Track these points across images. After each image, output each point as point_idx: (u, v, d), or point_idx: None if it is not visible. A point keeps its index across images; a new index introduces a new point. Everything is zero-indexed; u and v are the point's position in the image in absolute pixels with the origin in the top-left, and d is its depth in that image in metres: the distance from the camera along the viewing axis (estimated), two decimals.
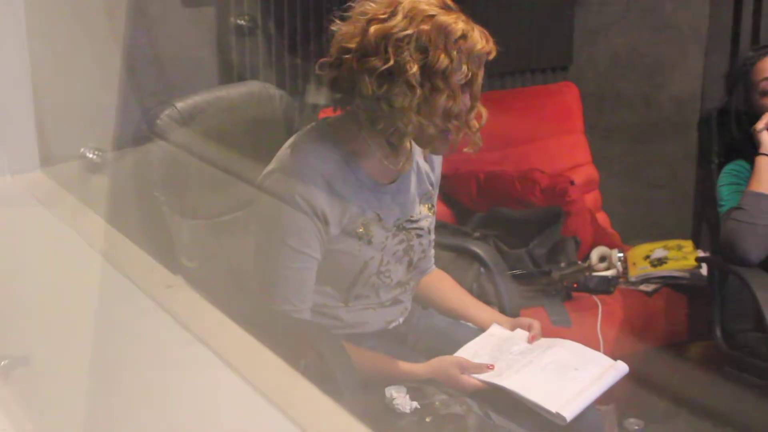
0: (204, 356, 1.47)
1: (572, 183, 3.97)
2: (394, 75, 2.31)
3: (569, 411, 2.37)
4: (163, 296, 1.68)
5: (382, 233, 2.51)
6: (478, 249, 3.30)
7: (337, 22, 2.43)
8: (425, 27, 2.31)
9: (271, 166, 2.48)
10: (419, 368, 2.49)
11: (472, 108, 2.42)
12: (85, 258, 2.04)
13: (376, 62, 2.31)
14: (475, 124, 2.46)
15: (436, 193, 2.72)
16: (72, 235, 2.16)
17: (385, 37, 2.31)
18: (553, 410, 2.36)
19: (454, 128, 2.41)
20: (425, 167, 2.66)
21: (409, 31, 2.30)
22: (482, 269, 3.24)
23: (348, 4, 2.44)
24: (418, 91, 2.31)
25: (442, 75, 2.32)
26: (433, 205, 2.69)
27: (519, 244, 3.76)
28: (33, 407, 1.40)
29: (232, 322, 1.53)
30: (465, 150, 2.51)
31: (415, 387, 2.39)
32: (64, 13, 2.67)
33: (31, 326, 1.74)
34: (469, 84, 2.38)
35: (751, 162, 3.36)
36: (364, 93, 2.34)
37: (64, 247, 2.12)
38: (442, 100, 2.34)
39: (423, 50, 2.31)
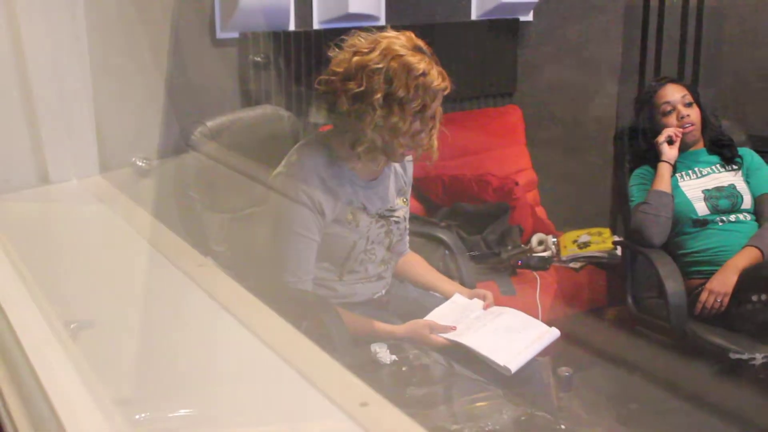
0: (227, 320, 1.47)
1: (517, 184, 3.98)
2: (363, 97, 2.33)
3: (513, 364, 2.39)
4: (196, 273, 1.68)
5: (366, 220, 2.53)
6: (443, 235, 3.31)
7: (335, 49, 2.45)
8: (393, 64, 2.34)
9: (278, 169, 2.51)
10: (397, 329, 2.50)
11: (421, 131, 2.43)
12: (135, 243, 2.04)
13: (352, 85, 2.35)
14: (423, 142, 2.47)
15: (408, 189, 2.73)
16: (125, 226, 2.16)
17: (363, 67, 2.34)
18: (501, 363, 2.38)
19: (398, 145, 2.42)
20: (400, 170, 2.69)
21: (380, 65, 2.33)
22: (447, 251, 3.24)
23: (342, 36, 2.46)
24: (378, 112, 2.34)
25: (399, 102, 2.35)
26: (406, 199, 2.72)
27: (475, 231, 3.77)
28: (96, 362, 1.39)
29: (249, 293, 1.53)
30: (427, 163, 2.53)
31: (394, 344, 2.39)
32: (120, 50, 2.67)
33: (94, 296, 1.74)
34: (420, 112, 2.38)
35: (654, 167, 3.38)
36: (340, 109, 2.38)
37: (118, 235, 2.12)
38: (393, 121, 2.36)
39: (388, 81, 2.33)
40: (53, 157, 2.36)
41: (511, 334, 2.53)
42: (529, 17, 4.44)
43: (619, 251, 3.79)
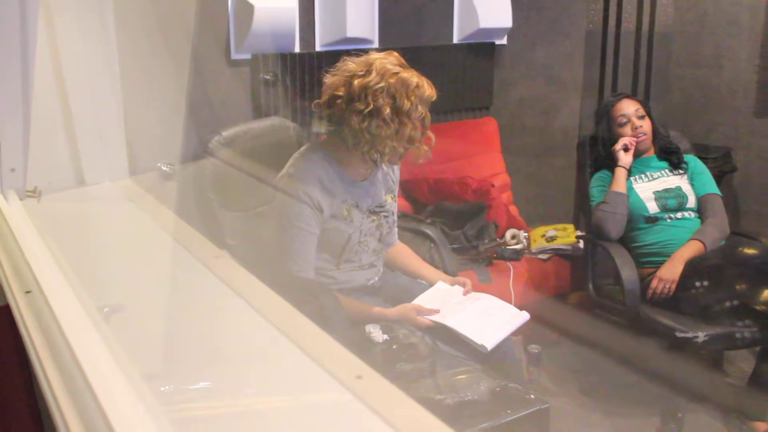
0: (239, 304, 1.47)
1: (493, 186, 3.97)
2: (373, 115, 2.34)
3: (489, 343, 2.40)
4: (213, 264, 1.68)
5: (359, 215, 2.54)
6: (428, 230, 3.31)
7: (328, 75, 2.45)
8: (392, 81, 2.34)
9: (283, 172, 2.53)
10: (389, 312, 2.50)
11: (423, 134, 2.44)
12: (160, 238, 2.04)
13: (360, 106, 2.35)
14: (425, 144, 2.48)
15: (396, 188, 2.74)
16: (151, 223, 2.16)
17: (366, 88, 2.34)
18: (479, 342, 2.38)
19: (413, 149, 2.44)
20: (389, 170, 2.70)
21: (382, 84, 2.34)
22: (432, 244, 3.25)
23: (334, 63, 2.47)
24: (392, 125, 2.35)
25: (406, 114, 2.36)
26: (394, 196, 2.73)
27: (457, 227, 3.77)
28: (127, 341, 1.39)
29: (259, 281, 1.53)
30: (419, 162, 2.53)
31: (386, 325, 2.40)
32: (146, 70, 2.67)
33: (124, 284, 1.74)
34: (422, 119, 2.40)
35: (612, 171, 3.39)
36: (353, 126, 2.38)
37: (145, 231, 2.12)
38: (407, 131, 2.37)
39: (392, 97, 2.34)
40: (89, 163, 2.36)
41: (487, 316, 2.53)
42: (504, 41, 4.44)
43: (581, 244, 3.78)
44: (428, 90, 2.42)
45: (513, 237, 3.89)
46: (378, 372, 1.17)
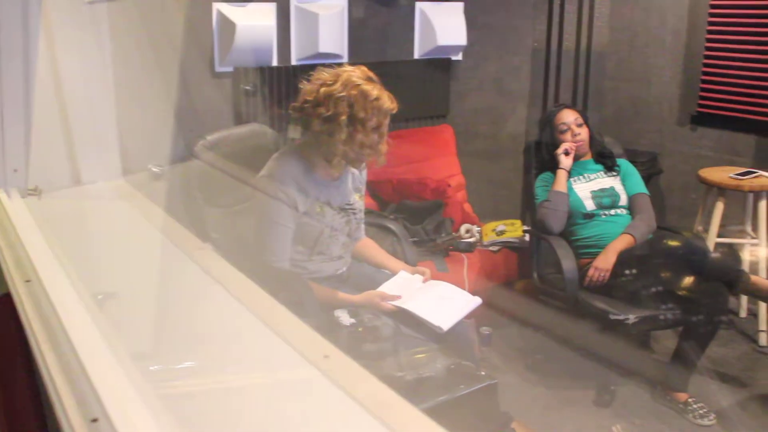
0: (220, 292, 1.46)
1: (449, 186, 3.98)
2: (331, 120, 2.34)
3: (445, 324, 2.40)
4: (196, 255, 1.67)
5: (330, 212, 2.53)
6: (392, 225, 3.31)
7: (304, 82, 2.45)
8: (353, 92, 2.34)
9: (261, 173, 2.51)
10: (355, 298, 2.49)
11: (378, 142, 2.44)
12: (149, 232, 2.02)
13: (322, 111, 2.35)
14: (380, 151, 2.48)
15: (363, 188, 2.74)
16: (141, 218, 2.14)
17: (329, 96, 2.35)
18: (436, 323, 2.38)
19: (365, 154, 2.45)
20: (356, 172, 2.69)
21: (343, 94, 2.34)
22: (395, 238, 3.25)
23: (310, 72, 2.46)
24: (345, 130, 2.35)
25: (360, 122, 2.36)
26: (362, 195, 2.72)
27: (417, 222, 3.77)
28: (118, 326, 1.37)
29: (237, 271, 1.52)
30: (375, 167, 2.54)
31: (352, 310, 2.39)
32: (138, 80, 2.64)
33: (117, 274, 1.71)
34: (377, 128, 2.40)
35: (554, 173, 3.40)
36: (314, 129, 2.39)
37: (136, 226, 2.10)
38: (359, 137, 2.37)
39: (350, 106, 2.35)
40: (84, 164, 2.33)
41: (443, 301, 2.54)
42: (459, 57, 4.44)
43: (527, 237, 3.80)
44: (387, 103, 2.41)
45: (467, 231, 3.90)
46: (344, 352, 1.16)
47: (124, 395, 0.99)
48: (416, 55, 4.25)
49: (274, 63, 3.65)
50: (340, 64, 2.49)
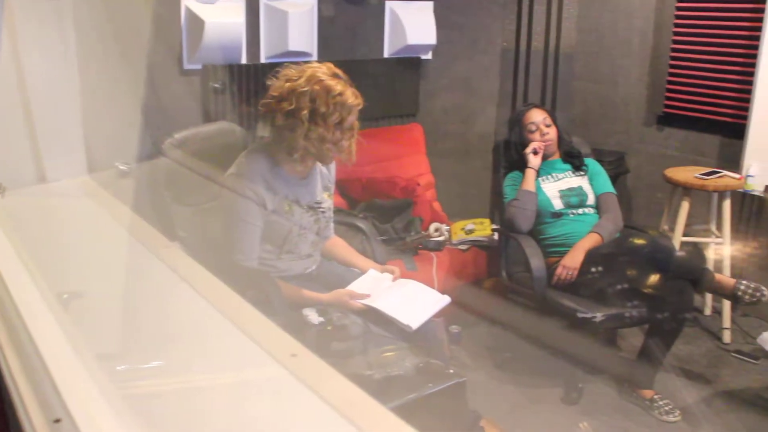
0: (187, 291, 1.44)
1: (419, 184, 3.98)
2: (293, 114, 2.34)
3: (414, 323, 2.39)
4: (163, 254, 1.65)
5: (299, 210, 2.52)
6: (361, 224, 3.30)
7: (272, 78, 2.44)
8: (316, 87, 2.34)
9: (230, 171, 2.49)
10: (324, 297, 2.48)
11: (342, 139, 2.43)
12: (115, 231, 2.00)
13: (285, 105, 2.35)
14: (344, 147, 2.47)
15: (332, 186, 2.73)
16: (107, 217, 2.11)
17: (293, 90, 2.34)
18: (405, 322, 2.38)
19: (327, 150, 2.43)
20: (325, 170, 2.68)
21: (306, 88, 2.33)
22: (364, 237, 3.24)
23: (278, 69, 2.45)
24: (305, 125, 2.34)
25: (321, 117, 2.35)
26: (331, 194, 2.71)
27: (386, 221, 3.76)
28: (84, 326, 1.35)
29: (204, 269, 1.50)
30: (347, 164, 2.53)
31: (321, 308, 2.37)
32: (105, 77, 2.60)
33: (82, 273, 1.69)
34: (339, 124, 2.39)
35: (523, 172, 3.42)
36: (277, 123, 2.38)
37: (102, 224, 2.07)
38: (319, 131, 2.37)
39: (312, 100, 2.34)
40: (49, 162, 2.29)
41: (412, 300, 2.53)
42: (429, 56, 4.45)
43: (496, 236, 3.82)
44: (351, 98, 2.40)
45: (436, 230, 3.90)
46: (312, 351, 1.15)
47: (87, 395, 0.97)
48: (386, 54, 4.25)
49: (243, 61, 3.63)
50: (308, 62, 2.47)
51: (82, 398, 0.96)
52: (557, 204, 3.36)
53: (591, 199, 3.40)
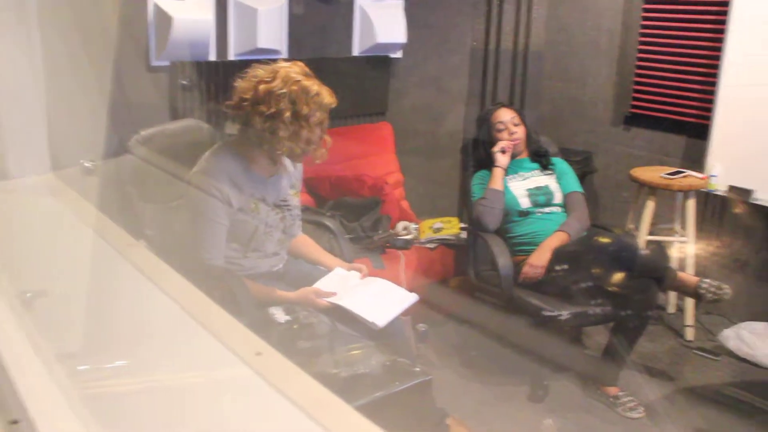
0: (151, 290, 1.43)
1: (387, 183, 3.98)
2: (274, 117, 2.32)
3: (380, 321, 2.40)
4: (127, 252, 1.63)
5: (265, 208, 2.51)
6: (329, 222, 3.30)
7: (239, 80, 2.42)
8: (294, 88, 2.32)
9: (195, 168, 2.47)
10: (290, 295, 2.48)
11: (321, 137, 2.43)
12: (80, 229, 1.97)
13: (263, 108, 2.32)
14: (322, 145, 2.47)
15: (299, 184, 2.73)
16: (71, 215, 2.08)
17: (269, 93, 2.32)
18: (371, 320, 2.39)
19: (310, 150, 2.44)
20: (291, 168, 2.67)
21: (284, 90, 2.32)
22: (331, 235, 3.23)
23: (245, 70, 2.43)
24: (290, 127, 2.32)
25: (304, 118, 2.34)
26: (297, 192, 2.71)
27: (354, 219, 3.76)
28: (46, 327, 1.34)
29: (169, 267, 1.49)
30: (316, 161, 2.52)
31: (288, 306, 2.36)
32: (70, 73, 2.57)
33: (46, 271, 1.67)
34: (319, 123, 2.39)
35: (491, 171, 3.43)
36: (256, 127, 2.36)
37: (66, 222, 2.04)
38: (303, 133, 2.36)
39: (293, 102, 2.32)
40: (13, 158, 2.26)
41: (379, 298, 2.54)
42: (399, 55, 4.45)
43: (464, 235, 3.83)
44: (327, 98, 2.41)
45: (404, 228, 3.91)
46: (279, 349, 1.15)
47: (46, 395, 0.96)
48: (355, 52, 4.24)
49: (212, 58, 3.60)
50: (276, 60, 2.46)
51: (41, 399, 0.95)
52: (525, 203, 3.38)
53: (558, 198, 3.43)
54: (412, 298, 2.58)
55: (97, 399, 1.15)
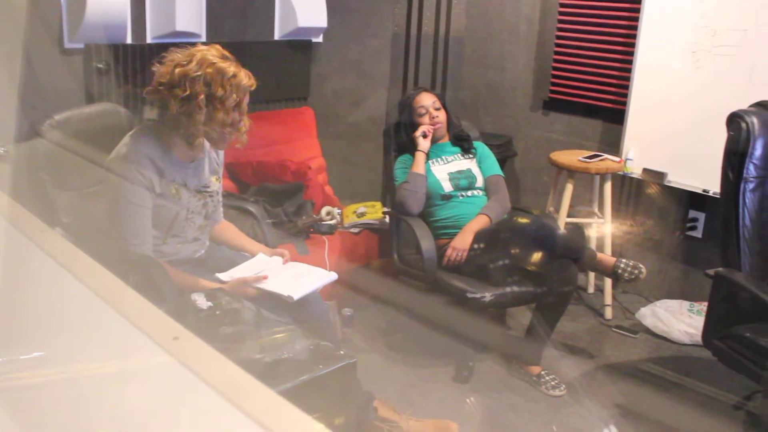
0: (65, 277, 1.38)
1: (310, 168, 3.96)
2: (189, 100, 2.28)
3: (295, 294, 2.42)
4: (40, 239, 1.58)
5: (186, 194, 2.47)
6: (252, 208, 3.27)
7: (157, 65, 2.37)
8: (209, 70, 2.29)
9: (114, 153, 2.41)
10: (221, 287, 2.45)
11: (239, 120, 2.41)
12: None
13: (178, 92, 2.28)
14: (241, 129, 2.44)
15: (220, 170, 2.69)
16: None
17: (185, 76, 2.28)
18: (285, 294, 2.41)
19: (227, 133, 2.41)
20: (213, 154, 2.64)
21: (199, 73, 2.28)
22: (254, 221, 3.21)
23: (163, 54, 2.39)
24: (204, 110, 2.30)
25: (219, 100, 2.31)
26: (219, 177, 2.68)
27: (277, 205, 3.72)
28: None
29: (83, 253, 1.45)
30: (237, 146, 2.50)
31: (210, 293, 2.33)
32: None
33: None
34: (237, 106, 2.36)
35: (413, 155, 3.45)
36: (172, 111, 2.31)
37: None
38: (219, 116, 2.33)
39: (208, 85, 2.29)
40: None
41: (297, 278, 2.56)
42: (320, 39, 4.42)
43: (387, 219, 3.84)
44: (245, 79, 2.38)
45: (328, 213, 3.90)
46: (200, 336, 1.13)
47: None
48: (276, 36, 4.20)
49: (129, 41, 3.51)
50: (195, 44, 2.42)
51: None
52: (447, 186, 3.41)
53: (480, 182, 3.47)
54: (331, 276, 2.60)
55: (12, 391, 1.11)
